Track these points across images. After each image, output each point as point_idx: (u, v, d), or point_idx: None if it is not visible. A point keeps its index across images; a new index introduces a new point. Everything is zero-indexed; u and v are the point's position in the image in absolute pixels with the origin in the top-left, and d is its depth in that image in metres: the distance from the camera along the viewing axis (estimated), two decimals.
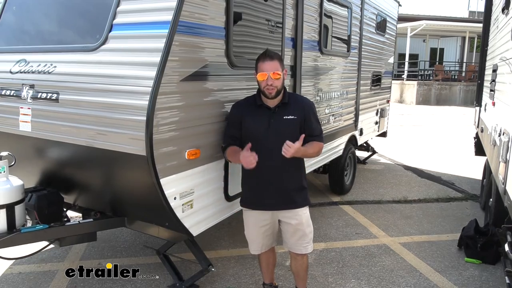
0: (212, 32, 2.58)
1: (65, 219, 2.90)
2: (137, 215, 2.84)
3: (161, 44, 2.22)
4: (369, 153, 7.31)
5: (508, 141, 2.57)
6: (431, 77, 22.98)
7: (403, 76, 22.25)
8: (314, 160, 4.12)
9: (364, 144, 6.83)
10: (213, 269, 2.93)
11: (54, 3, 3.01)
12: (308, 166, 3.81)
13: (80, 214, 3.11)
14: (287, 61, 3.52)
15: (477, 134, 5.45)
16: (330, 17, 4.41)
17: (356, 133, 5.56)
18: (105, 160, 2.50)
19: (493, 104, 3.76)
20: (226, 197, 2.93)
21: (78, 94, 2.48)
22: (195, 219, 2.65)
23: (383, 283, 3.24)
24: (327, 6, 4.24)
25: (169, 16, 2.24)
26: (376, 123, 6.66)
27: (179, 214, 2.49)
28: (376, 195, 5.55)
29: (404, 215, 4.80)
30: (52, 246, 2.98)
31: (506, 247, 2.64)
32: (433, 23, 21.86)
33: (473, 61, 24.27)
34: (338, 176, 5.30)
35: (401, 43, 22.30)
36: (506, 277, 2.71)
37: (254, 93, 2.62)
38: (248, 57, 2.90)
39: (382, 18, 6.37)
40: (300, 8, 3.62)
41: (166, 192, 2.36)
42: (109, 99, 2.35)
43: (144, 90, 2.21)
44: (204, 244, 3.44)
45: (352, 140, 5.47)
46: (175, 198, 2.45)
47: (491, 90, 4.03)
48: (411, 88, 20.85)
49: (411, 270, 3.46)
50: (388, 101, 7.27)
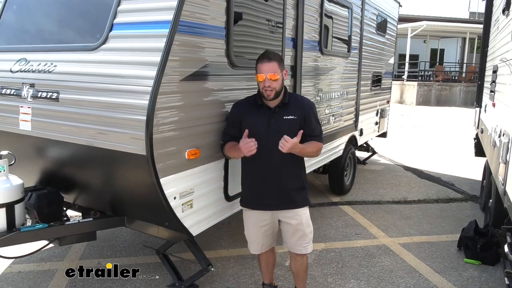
0: (213, 32, 2.58)
1: (65, 218, 2.90)
2: (137, 215, 2.84)
3: (162, 44, 2.22)
4: (369, 154, 7.31)
5: (508, 142, 2.57)
6: (432, 78, 23.00)
7: (403, 77, 22.25)
8: (314, 160, 4.12)
9: (364, 145, 6.83)
10: (213, 269, 2.94)
11: (55, 3, 3.01)
12: (308, 166, 3.81)
13: (80, 214, 3.11)
14: (288, 61, 3.52)
15: (477, 135, 5.45)
16: (331, 18, 4.41)
17: (356, 134, 5.56)
18: (105, 160, 2.50)
19: (493, 105, 3.76)
20: (226, 197, 2.93)
21: (79, 94, 2.48)
22: (195, 219, 2.65)
23: (383, 284, 3.24)
24: (328, 7, 4.25)
25: (170, 16, 2.24)
26: (376, 124, 6.66)
27: (179, 214, 2.49)
28: (376, 196, 5.55)
29: (404, 216, 4.80)
30: (52, 245, 2.98)
31: (506, 248, 2.64)
32: (434, 24, 21.88)
33: (474, 62, 24.26)
34: (338, 177, 5.30)
35: (402, 44, 22.30)
36: (506, 278, 2.71)
37: (255, 93, 2.62)
38: (249, 57, 2.91)
39: (383, 19, 6.37)
40: (301, 8, 3.62)
41: (166, 192, 2.36)
42: (109, 99, 2.35)
43: (145, 90, 2.21)
44: (204, 244, 3.44)
45: (352, 141, 5.48)
46: (175, 198, 2.45)
47: (491, 91, 4.03)
48: (411, 89, 20.85)
49: (411, 271, 3.46)
50: (388, 102, 7.27)
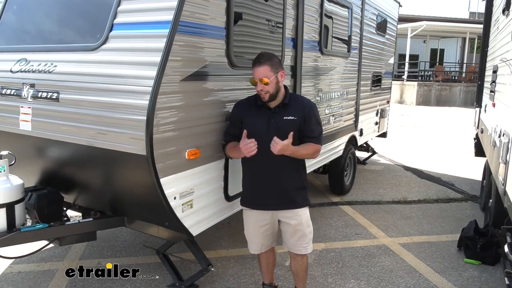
0: (213, 32, 2.58)
1: (65, 219, 2.91)
2: (137, 215, 2.84)
3: (162, 44, 2.22)
4: (369, 154, 7.31)
5: (508, 142, 2.57)
6: (431, 78, 23.00)
7: (403, 77, 22.26)
8: (314, 161, 4.12)
9: (364, 145, 6.83)
10: (213, 269, 2.94)
11: (55, 3, 3.01)
12: (308, 167, 3.81)
13: (80, 214, 3.12)
14: (288, 61, 3.52)
15: (477, 135, 5.45)
16: (331, 18, 4.41)
17: (356, 134, 5.56)
18: (105, 160, 2.50)
19: (493, 105, 3.76)
20: (226, 197, 2.94)
21: (79, 94, 2.48)
22: (195, 219, 2.65)
23: (383, 284, 3.24)
24: (328, 7, 4.25)
25: (170, 16, 2.24)
26: (376, 124, 6.66)
27: (179, 214, 2.50)
28: (376, 196, 5.55)
29: (404, 216, 4.80)
30: (52, 245, 2.98)
31: (506, 248, 2.65)
32: (434, 24, 21.88)
33: (473, 62, 24.27)
34: (338, 177, 5.30)
35: (402, 44, 22.30)
36: (506, 278, 2.71)
37: (256, 93, 2.61)
38: (249, 57, 2.90)
39: (383, 19, 6.37)
40: (301, 8, 3.62)
41: (166, 192, 2.36)
42: (110, 99, 2.35)
43: (145, 90, 2.21)
44: (204, 244, 3.44)
45: (352, 141, 5.48)
46: (175, 198, 2.45)
47: (491, 91, 4.03)
48: (411, 89, 20.85)
49: (411, 271, 3.46)
50: (388, 102, 7.27)
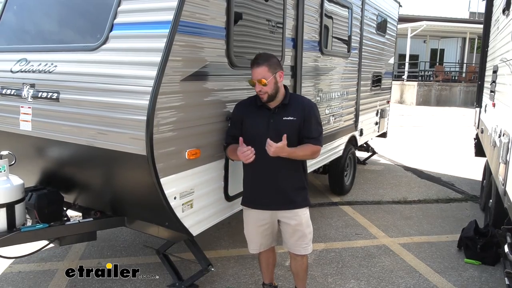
0: (213, 32, 2.58)
1: (65, 218, 2.91)
2: (137, 215, 2.84)
3: (162, 44, 2.22)
4: (369, 154, 7.31)
5: (508, 142, 2.57)
6: (432, 78, 23.00)
7: (404, 77, 22.26)
8: (315, 161, 4.12)
9: (364, 145, 6.83)
10: (213, 269, 2.94)
11: (55, 3, 3.01)
12: (309, 167, 3.80)
13: (80, 214, 3.11)
14: (288, 61, 3.52)
15: (477, 135, 5.45)
16: (331, 18, 4.41)
17: (356, 134, 5.56)
18: (105, 160, 2.50)
19: (493, 105, 3.76)
20: (226, 197, 2.94)
21: (79, 94, 2.48)
22: (195, 219, 2.66)
23: (383, 284, 3.24)
24: (328, 7, 4.25)
25: (170, 16, 2.24)
26: (376, 124, 6.66)
27: (179, 214, 2.50)
28: (376, 196, 5.55)
29: (404, 216, 4.80)
30: (52, 245, 2.98)
31: (506, 248, 2.65)
32: (434, 24, 21.88)
33: (474, 62, 24.27)
34: (338, 177, 5.30)
35: (402, 44, 22.30)
36: (506, 278, 2.71)
37: (256, 94, 2.62)
38: (249, 57, 2.89)
39: (383, 19, 6.37)
40: (301, 9, 3.62)
41: (166, 192, 2.37)
42: (110, 99, 2.35)
43: (145, 90, 2.21)
44: (204, 244, 3.44)
45: (352, 141, 5.47)
46: (175, 198, 2.45)
47: (491, 91, 4.03)
48: (411, 89, 20.85)
49: (411, 271, 3.46)
50: (388, 102, 7.27)
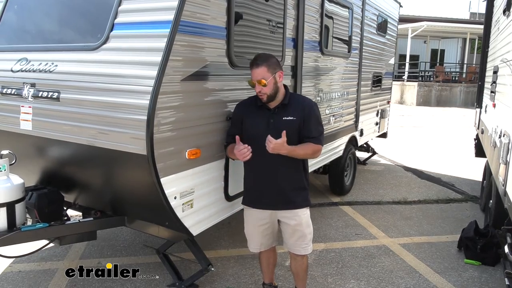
0: (213, 32, 2.58)
1: (65, 218, 2.91)
2: (137, 214, 2.84)
3: (162, 44, 2.22)
4: (369, 154, 7.31)
5: (509, 143, 2.57)
6: (432, 78, 22.99)
7: (404, 77, 22.26)
8: (315, 161, 4.12)
9: (364, 145, 6.83)
10: (213, 269, 2.94)
11: (56, 2, 3.01)
12: (309, 167, 3.81)
13: (80, 213, 3.12)
14: (288, 62, 3.52)
15: (478, 136, 5.45)
16: (331, 18, 4.41)
17: (357, 134, 5.56)
18: (106, 159, 2.50)
19: (494, 106, 3.76)
20: (226, 197, 2.94)
21: (79, 93, 2.48)
22: (195, 219, 2.66)
23: (383, 284, 3.24)
24: (328, 7, 4.25)
25: (171, 16, 2.24)
26: (377, 124, 6.66)
27: (179, 214, 2.50)
28: (376, 196, 5.55)
29: (404, 216, 4.80)
30: (52, 245, 2.98)
31: (506, 249, 2.65)
32: (434, 24, 21.88)
33: (474, 63, 24.27)
34: (338, 177, 5.30)
35: (402, 44, 22.31)
36: (506, 279, 2.71)
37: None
38: (249, 57, 2.89)
39: (383, 19, 6.37)
40: (301, 9, 3.62)
41: (167, 192, 2.37)
42: (110, 98, 2.35)
43: (145, 90, 2.21)
44: (204, 244, 3.44)
45: (352, 141, 5.47)
46: (175, 198, 2.45)
47: (492, 92, 4.03)
48: (412, 89, 20.85)
49: (411, 271, 3.46)
50: (389, 102, 7.27)
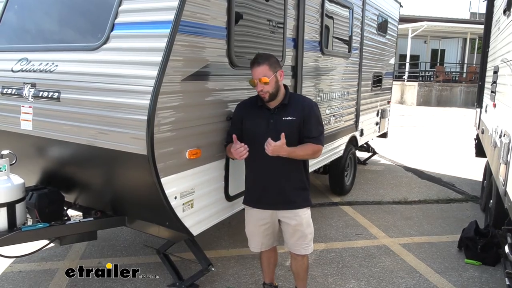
0: (214, 32, 2.59)
1: (66, 218, 2.91)
2: (138, 214, 2.84)
3: (163, 44, 2.22)
4: (370, 154, 7.31)
5: (509, 143, 2.57)
6: (432, 78, 22.98)
7: (404, 77, 22.25)
8: (315, 161, 4.12)
9: (365, 145, 6.83)
10: (213, 269, 2.94)
11: (56, 2, 3.01)
12: (309, 167, 3.81)
13: (81, 213, 3.12)
14: (288, 62, 3.52)
15: (478, 136, 5.45)
16: (331, 18, 4.41)
17: (357, 134, 5.56)
18: (106, 159, 2.50)
19: (494, 106, 3.76)
20: (227, 197, 2.94)
21: (80, 93, 2.48)
22: (196, 219, 2.66)
23: (383, 284, 3.24)
24: (328, 7, 4.25)
25: (171, 16, 2.24)
26: (377, 124, 6.66)
27: (180, 214, 2.50)
28: (376, 196, 5.55)
29: (404, 216, 4.80)
30: (53, 245, 2.98)
31: (506, 249, 2.65)
32: (434, 24, 21.87)
33: (474, 63, 24.26)
34: (339, 177, 5.30)
35: (402, 44, 22.30)
36: (506, 279, 2.71)
37: (257, 94, 2.62)
38: (249, 57, 2.89)
39: (383, 19, 6.37)
40: (302, 9, 3.62)
41: (167, 192, 2.37)
42: (111, 98, 2.35)
43: (146, 90, 2.21)
44: (204, 244, 3.44)
45: (353, 141, 5.47)
46: (176, 198, 2.45)
47: (492, 92, 4.03)
48: (412, 89, 20.84)
49: (411, 271, 3.46)
50: (389, 102, 7.27)
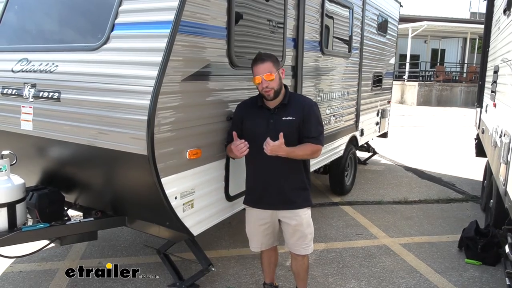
0: (214, 32, 2.59)
1: (66, 218, 2.91)
2: (138, 214, 2.84)
3: (163, 44, 2.22)
4: (370, 154, 7.31)
5: (509, 143, 2.57)
6: (432, 78, 22.97)
7: (404, 77, 22.24)
8: (315, 161, 4.12)
9: (365, 145, 6.83)
10: (213, 269, 2.94)
11: (56, 3, 3.01)
12: (310, 166, 3.81)
13: (81, 213, 3.12)
14: (288, 62, 3.52)
15: (478, 135, 5.45)
16: (332, 18, 4.41)
17: (357, 134, 5.56)
18: (106, 160, 2.50)
19: (494, 106, 3.76)
20: (227, 197, 2.94)
21: (80, 93, 2.48)
22: (196, 219, 2.66)
23: (383, 284, 3.24)
24: (329, 7, 4.25)
25: (171, 16, 2.24)
26: (377, 124, 6.66)
27: (180, 214, 2.50)
28: (377, 196, 5.55)
29: (405, 216, 4.80)
30: (53, 245, 2.98)
31: (507, 249, 2.65)
32: (435, 24, 21.86)
33: (474, 62, 24.26)
34: (339, 177, 5.30)
35: (402, 44, 22.29)
36: (507, 279, 2.71)
37: (257, 94, 2.62)
38: (249, 57, 2.89)
39: (384, 19, 6.36)
40: (302, 9, 3.62)
41: (167, 192, 2.37)
42: (111, 99, 2.35)
43: (146, 90, 2.21)
44: (205, 244, 3.45)
45: (353, 141, 5.47)
46: (176, 198, 2.45)
47: (492, 92, 4.03)
48: (412, 89, 20.84)
49: (411, 271, 3.46)
50: (389, 102, 7.27)
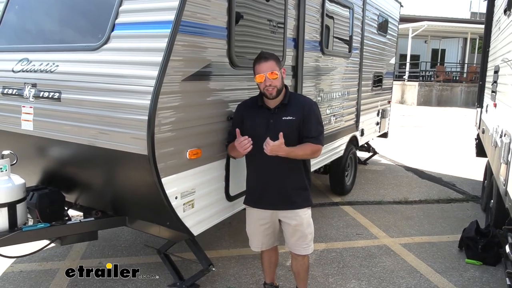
0: (214, 32, 2.59)
1: (66, 218, 2.91)
2: (138, 214, 2.85)
3: (163, 44, 2.22)
4: (370, 154, 7.31)
5: (510, 143, 2.57)
6: (433, 78, 22.97)
7: (404, 77, 22.24)
8: (316, 160, 4.12)
9: (365, 145, 6.83)
10: (214, 269, 2.94)
11: (57, 3, 3.01)
12: (310, 166, 3.81)
13: (81, 213, 3.12)
14: (289, 62, 3.52)
15: (478, 136, 5.45)
16: (332, 18, 4.41)
17: (357, 134, 5.56)
18: (107, 159, 2.50)
19: (495, 106, 3.76)
20: (227, 197, 2.94)
21: (80, 93, 2.48)
22: (196, 219, 2.66)
23: (384, 284, 3.24)
24: (329, 7, 4.25)
25: (171, 16, 2.24)
26: (377, 124, 6.66)
27: (180, 214, 2.50)
28: (377, 196, 5.55)
29: (405, 216, 4.80)
30: (53, 245, 2.99)
31: (507, 249, 2.65)
32: (435, 24, 21.86)
33: (475, 62, 24.25)
34: (339, 177, 5.30)
35: (403, 44, 22.28)
36: (507, 279, 2.71)
37: (257, 94, 2.62)
38: (250, 57, 2.90)
39: (384, 19, 6.36)
40: (302, 9, 3.62)
41: (168, 192, 2.37)
42: (111, 99, 2.35)
43: (146, 90, 2.21)
44: (205, 244, 3.45)
45: (353, 141, 5.47)
46: (176, 198, 2.45)
47: (493, 92, 4.03)
48: (412, 89, 20.84)
49: (412, 271, 3.46)
50: (389, 102, 7.27)
